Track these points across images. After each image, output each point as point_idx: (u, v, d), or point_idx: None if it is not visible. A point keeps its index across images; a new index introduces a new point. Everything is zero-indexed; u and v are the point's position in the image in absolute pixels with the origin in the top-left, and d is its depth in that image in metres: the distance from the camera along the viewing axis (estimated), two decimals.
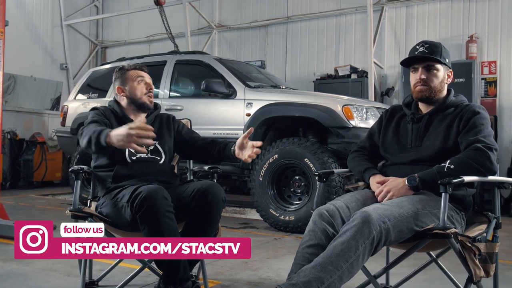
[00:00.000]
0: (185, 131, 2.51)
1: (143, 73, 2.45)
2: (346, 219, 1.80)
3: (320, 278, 1.56)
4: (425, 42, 2.07)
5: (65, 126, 6.19)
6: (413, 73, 2.09)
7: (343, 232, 1.65)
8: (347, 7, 7.48)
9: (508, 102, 6.35)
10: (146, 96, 2.40)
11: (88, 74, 6.46)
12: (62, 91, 9.33)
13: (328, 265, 1.58)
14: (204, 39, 8.81)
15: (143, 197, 1.91)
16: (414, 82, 2.07)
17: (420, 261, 2.38)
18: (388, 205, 1.72)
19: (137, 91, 2.39)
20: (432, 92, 2.04)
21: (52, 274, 2.76)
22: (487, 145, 1.88)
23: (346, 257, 1.59)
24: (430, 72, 2.04)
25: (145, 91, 2.40)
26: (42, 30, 9.35)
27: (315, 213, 1.86)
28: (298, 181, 4.41)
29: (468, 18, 6.60)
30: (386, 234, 1.64)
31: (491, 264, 1.78)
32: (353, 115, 4.17)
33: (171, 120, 2.51)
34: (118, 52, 9.69)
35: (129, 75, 2.43)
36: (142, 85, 2.40)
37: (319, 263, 1.60)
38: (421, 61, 2.05)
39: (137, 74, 2.43)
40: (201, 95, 5.06)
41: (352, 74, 6.96)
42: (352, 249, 1.60)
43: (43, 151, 8.06)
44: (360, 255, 1.61)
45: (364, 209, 1.68)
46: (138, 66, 2.49)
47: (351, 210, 1.86)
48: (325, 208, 1.85)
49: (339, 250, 1.61)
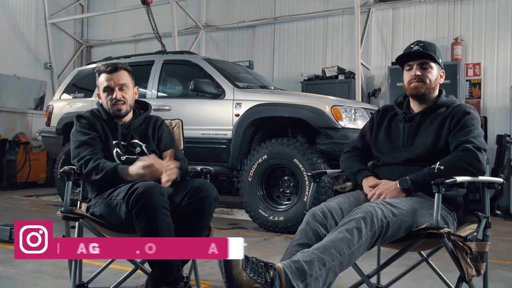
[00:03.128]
0: (164, 142, 2.41)
1: (112, 75, 2.27)
2: (339, 220, 1.81)
3: (322, 259, 1.56)
4: (420, 41, 2.10)
5: (50, 126, 6.10)
6: (407, 71, 2.11)
7: (346, 222, 1.66)
8: (335, 8, 7.52)
9: (491, 103, 6.46)
10: (115, 106, 2.27)
11: (74, 73, 6.38)
12: (46, 90, 9.19)
13: (331, 248, 1.59)
14: (191, 39, 8.77)
15: (140, 192, 1.90)
16: (409, 79, 2.09)
17: (409, 260, 2.41)
18: (388, 203, 1.73)
19: (104, 101, 2.32)
20: (427, 89, 2.07)
21: (40, 277, 2.71)
22: (476, 146, 1.92)
23: (349, 244, 1.60)
24: (424, 70, 2.06)
25: (110, 103, 2.27)
26: (26, 29, 9.20)
27: (309, 214, 1.87)
28: (287, 182, 4.42)
29: (454, 21, 6.70)
30: (385, 229, 1.67)
31: (482, 263, 1.80)
32: (341, 115, 4.20)
33: (157, 125, 2.45)
34: (104, 52, 9.58)
35: (99, 81, 2.31)
36: (108, 96, 2.28)
37: (321, 245, 1.61)
38: (416, 58, 2.07)
39: (103, 80, 2.28)
40: (189, 95, 5.04)
41: (339, 75, 7.00)
42: (355, 237, 1.61)
43: (27, 151, 7.93)
44: (361, 245, 1.62)
45: (366, 204, 1.71)
46: (110, 67, 2.28)
47: (344, 211, 1.87)
48: (319, 209, 1.86)
49: (342, 236, 1.62)
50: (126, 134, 2.33)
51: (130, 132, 2.34)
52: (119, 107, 2.28)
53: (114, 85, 2.27)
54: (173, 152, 2.11)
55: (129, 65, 2.39)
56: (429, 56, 2.05)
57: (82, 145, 2.20)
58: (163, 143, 2.41)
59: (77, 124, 2.30)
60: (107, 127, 2.31)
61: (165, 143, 2.42)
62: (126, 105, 2.30)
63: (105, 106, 2.32)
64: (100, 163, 2.11)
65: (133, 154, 2.31)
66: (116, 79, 2.27)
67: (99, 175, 2.08)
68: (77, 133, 2.27)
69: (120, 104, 2.28)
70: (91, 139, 2.22)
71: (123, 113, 2.31)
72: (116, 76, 2.27)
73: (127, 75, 2.33)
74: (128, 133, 2.33)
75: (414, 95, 2.10)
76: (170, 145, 2.42)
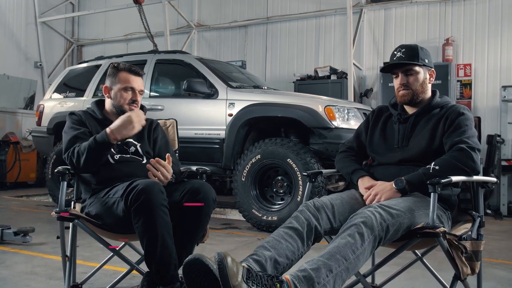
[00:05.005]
0: (159, 145, 2.43)
1: (136, 78, 2.31)
2: (330, 215, 1.84)
3: (328, 266, 1.53)
4: (402, 47, 2.12)
5: (41, 126, 6.04)
6: (395, 79, 2.15)
7: (347, 228, 1.65)
8: (327, 8, 7.55)
9: (482, 104, 6.53)
10: (129, 106, 2.29)
11: (65, 73, 6.33)
12: (36, 89, 9.10)
13: (336, 254, 1.56)
14: (183, 39, 8.74)
15: (139, 189, 1.89)
16: (397, 87, 2.13)
17: (403, 259, 2.42)
18: (386, 206, 1.73)
19: (120, 98, 2.30)
20: (414, 95, 2.10)
21: (33, 278, 2.68)
22: (470, 146, 1.94)
23: (353, 248, 1.58)
24: (409, 76, 2.09)
25: (128, 101, 2.29)
26: (16, 27, 9.10)
27: (302, 205, 1.88)
28: (281, 182, 4.43)
29: (445, 22, 6.76)
30: (385, 233, 1.66)
31: (477, 262, 1.82)
32: (335, 115, 4.21)
33: (153, 127, 2.45)
34: (95, 51, 9.52)
35: (119, 78, 2.31)
36: (127, 94, 2.29)
37: (326, 252, 1.58)
38: (400, 67, 2.10)
39: (127, 79, 2.29)
40: (182, 95, 5.02)
41: (331, 75, 7.02)
42: (358, 242, 1.60)
43: (17, 151, 7.85)
44: (365, 250, 1.61)
45: (364, 210, 1.70)
46: (135, 70, 2.33)
47: (335, 207, 1.89)
48: (311, 202, 1.88)
49: (346, 242, 1.59)
50: None
51: None
52: (133, 108, 2.30)
53: (137, 88, 2.32)
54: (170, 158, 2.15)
55: None
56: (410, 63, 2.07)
57: (72, 139, 2.19)
58: (158, 145, 2.42)
59: (69, 120, 2.30)
60: (101, 126, 2.30)
61: (159, 145, 2.43)
62: (137, 108, 2.33)
63: (117, 101, 2.30)
64: (81, 145, 2.11)
65: (127, 153, 2.31)
66: (140, 83, 2.34)
67: (84, 155, 2.06)
68: (68, 129, 2.26)
69: (135, 105, 2.32)
70: (81, 134, 2.21)
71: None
72: (139, 81, 2.34)
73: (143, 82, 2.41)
74: None
75: (402, 102, 2.14)
76: (164, 148, 2.44)
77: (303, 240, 1.72)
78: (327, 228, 1.83)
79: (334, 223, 1.85)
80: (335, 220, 1.85)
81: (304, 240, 1.72)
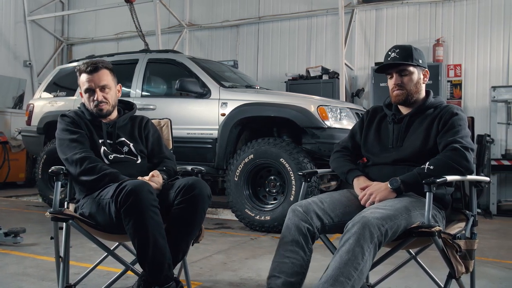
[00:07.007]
0: (151, 141, 2.41)
1: (93, 76, 2.23)
2: (320, 211, 1.87)
3: None
4: (396, 47, 2.13)
5: (30, 125, 5.97)
6: (389, 79, 2.16)
7: (345, 241, 1.64)
8: (319, 8, 7.57)
9: (472, 104, 6.59)
10: (97, 107, 2.26)
11: (55, 72, 6.26)
12: (25, 89, 9.00)
13: (339, 277, 1.56)
14: (175, 38, 8.70)
15: (128, 190, 1.87)
16: (391, 87, 2.15)
17: (397, 258, 2.43)
18: (382, 208, 1.74)
19: (87, 102, 2.29)
20: (408, 95, 2.11)
21: (25, 279, 2.65)
22: (464, 145, 1.95)
23: (355, 265, 1.58)
24: (404, 76, 2.10)
25: (93, 104, 2.26)
26: (4, 26, 8.98)
27: (289, 210, 1.91)
28: (274, 181, 4.43)
29: (435, 22, 6.82)
30: (384, 237, 1.66)
31: (471, 261, 1.84)
32: (327, 115, 4.22)
33: (143, 124, 2.44)
34: (85, 50, 9.45)
35: (80, 81, 2.29)
36: (89, 97, 2.26)
37: (330, 275, 1.58)
38: (394, 67, 2.11)
39: (84, 81, 2.25)
40: (174, 95, 5.00)
41: (323, 75, 7.04)
42: (359, 256, 1.59)
43: (6, 151, 7.75)
44: (367, 261, 1.61)
45: (361, 215, 1.69)
46: (90, 67, 2.23)
47: (325, 203, 1.91)
48: (298, 204, 1.91)
49: (347, 259, 1.59)
50: (112, 132, 2.33)
51: (115, 131, 2.33)
52: (101, 107, 2.27)
53: (95, 86, 2.25)
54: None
55: (110, 63, 2.36)
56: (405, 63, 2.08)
57: (72, 142, 2.18)
58: (150, 142, 2.42)
59: (63, 122, 2.28)
60: (92, 126, 2.31)
61: (152, 141, 2.42)
62: (108, 105, 2.29)
63: (87, 106, 2.31)
64: (100, 165, 2.11)
65: (121, 153, 2.30)
66: (97, 80, 2.24)
67: (94, 176, 2.07)
68: (64, 131, 2.24)
69: (102, 105, 2.27)
70: (80, 137, 2.21)
71: (104, 112, 2.30)
72: (96, 77, 2.24)
73: (108, 74, 2.29)
74: (114, 131, 2.33)
75: (397, 102, 2.15)
76: (157, 143, 2.44)
77: (303, 248, 1.79)
78: (318, 226, 1.85)
79: (325, 219, 1.87)
80: (325, 216, 1.88)
81: (304, 247, 1.80)
